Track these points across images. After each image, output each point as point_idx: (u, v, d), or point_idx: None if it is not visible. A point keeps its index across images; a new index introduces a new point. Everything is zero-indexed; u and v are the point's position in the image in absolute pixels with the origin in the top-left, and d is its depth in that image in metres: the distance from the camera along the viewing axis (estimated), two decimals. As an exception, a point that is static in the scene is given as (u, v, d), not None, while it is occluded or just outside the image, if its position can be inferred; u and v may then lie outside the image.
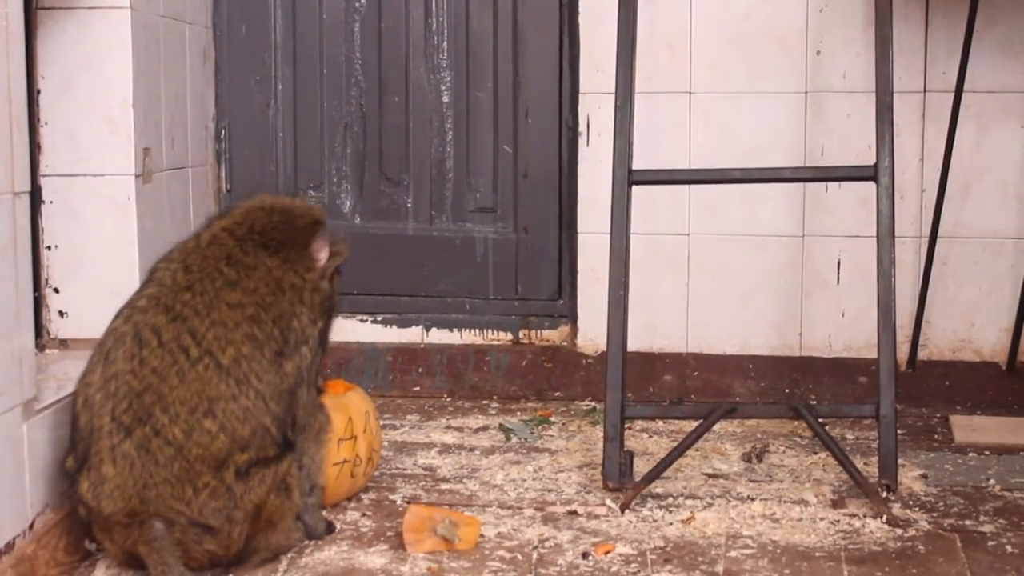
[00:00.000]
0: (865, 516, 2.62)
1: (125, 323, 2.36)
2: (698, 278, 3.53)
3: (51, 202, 2.97)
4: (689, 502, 2.73)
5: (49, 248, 2.98)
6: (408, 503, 2.72)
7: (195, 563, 2.33)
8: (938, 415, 3.39)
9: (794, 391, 3.51)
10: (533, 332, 3.67)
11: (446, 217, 3.71)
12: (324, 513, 2.61)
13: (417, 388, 3.66)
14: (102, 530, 2.33)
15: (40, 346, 2.95)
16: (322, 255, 2.50)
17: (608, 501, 2.73)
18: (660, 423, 3.33)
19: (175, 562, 2.26)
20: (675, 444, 2.82)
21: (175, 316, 2.33)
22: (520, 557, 2.45)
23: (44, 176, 2.97)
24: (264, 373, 2.34)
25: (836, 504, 2.70)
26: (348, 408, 2.70)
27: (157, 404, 2.27)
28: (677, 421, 3.30)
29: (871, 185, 3.02)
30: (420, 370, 3.66)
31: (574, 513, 2.68)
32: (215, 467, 2.28)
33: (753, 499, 2.73)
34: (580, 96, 3.55)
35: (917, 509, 2.68)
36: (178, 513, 2.27)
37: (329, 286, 2.53)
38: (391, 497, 2.79)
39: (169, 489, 2.26)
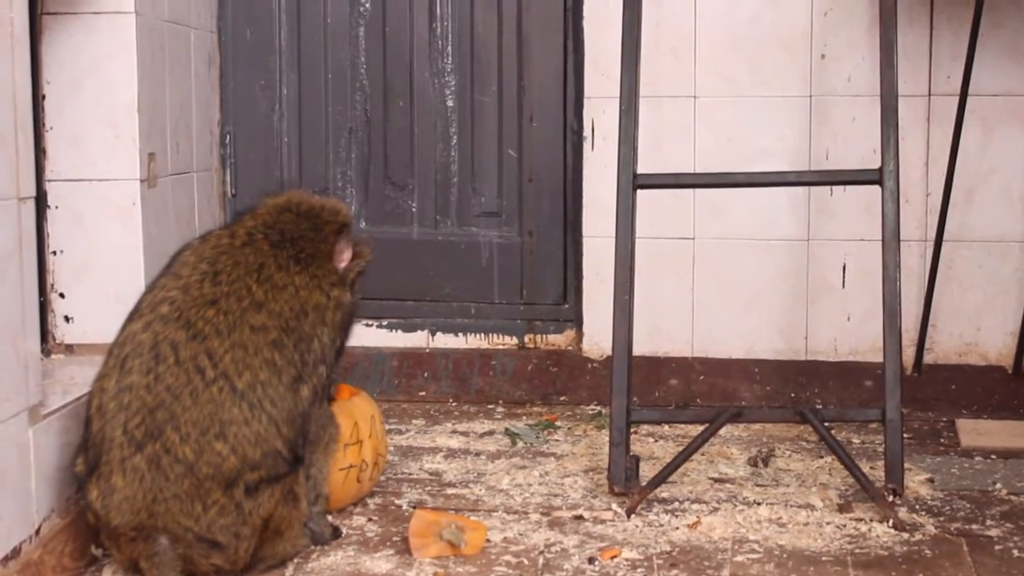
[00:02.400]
0: (871, 520, 2.62)
1: (145, 330, 2.32)
2: (703, 282, 3.53)
3: (56, 207, 2.97)
4: (695, 507, 2.72)
5: (55, 253, 2.98)
6: (414, 508, 2.72)
7: (201, 575, 2.33)
8: (944, 419, 3.39)
9: (800, 395, 3.51)
10: (538, 336, 3.67)
11: (451, 221, 3.71)
12: (330, 518, 2.61)
13: (423, 393, 3.66)
14: (109, 538, 2.32)
15: (46, 351, 2.95)
16: (344, 257, 2.49)
17: (614, 506, 2.73)
18: (666, 427, 3.33)
19: None
20: (681, 448, 2.82)
21: (195, 334, 2.30)
22: (526, 562, 2.44)
23: (49, 181, 2.97)
24: (280, 399, 2.32)
25: (842, 508, 2.70)
26: (353, 413, 2.70)
27: (169, 423, 2.25)
28: (683, 425, 3.30)
29: (876, 189, 3.02)
30: (426, 375, 3.66)
31: (580, 518, 2.68)
32: (225, 485, 2.26)
33: (759, 503, 2.72)
34: (585, 100, 3.54)
35: (923, 513, 2.68)
36: (186, 529, 2.26)
37: (351, 298, 2.50)
38: (397, 502, 2.79)
39: (178, 505, 2.25)
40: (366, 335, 3.66)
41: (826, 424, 2.76)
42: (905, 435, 3.05)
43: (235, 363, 2.28)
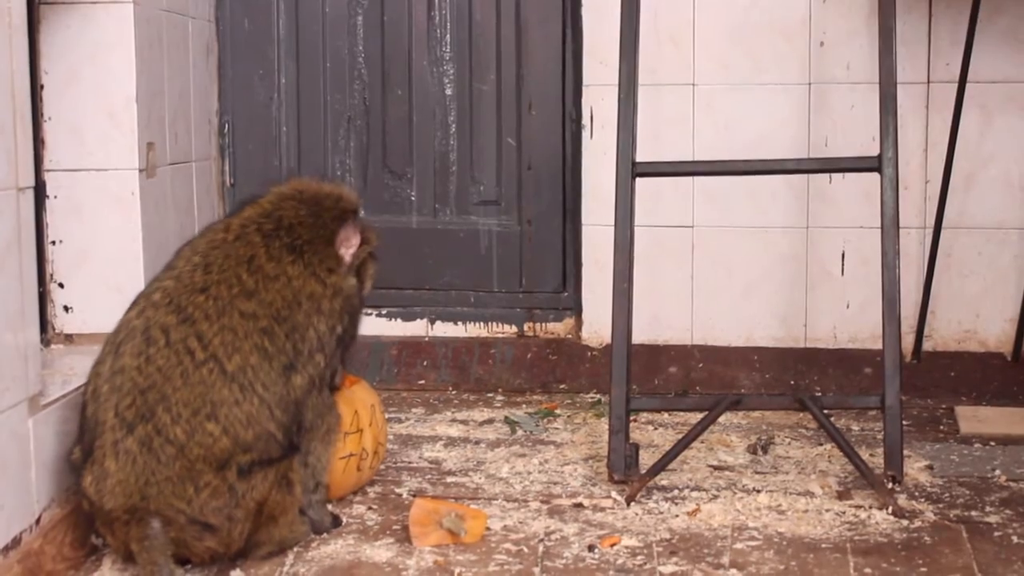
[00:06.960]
0: (871, 507, 2.62)
1: (138, 316, 2.35)
2: (702, 270, 3.53)
3: (55, 197, 2.97)
4: (695, 494, 2.73)
5: (54, 243, 2.98)
6: (414, 496, 2.72)
7: (197, 558, 2.33)
8: (943, 406, 3.39)
9: (799, 382, 3.51)
10: (538, 325, 3.67)
11: (450, 210, 3.71)
12: (330, 507, 2.61)
13: (422, 381, 3.66)
14: (104, 524, 2.33)
15: (45, 341, 2.95)
16: (351, 244, 2.49)
17: (614, 494, 2.73)
18: (665, 415, 3.33)
19: (165, 562, 2.25)
20: (680, 436, 2.83)
21: (185, 318, 2.32)
22: (526, 550, 2.45)
23: (48, 171, 2.97)
24: (271, 384, 2.33)
25: (842, 495, 2.70)
26: (354, 402, 2.70)
27: (160, 403, 2.27)
28: (682, 413, 3.30)
29: (875, 176, 3.02)
30: (425, 363, 3.66)
31: (580, 506, 2.68)
32: (217, 467, 2.27)
33: (759, 491, 2.73)
34: (583, 88, 3.54)
35: (923, 500, 2.68)
36: (178, 511, 2.26)
37: (356, 282, 2.51)
38: (397, 490, 2.79)
39: (170, 487, 2.26)
40: (366, 323, 3.60)
41: (825, 411, 2.76)
42: (904, 422, 3.05)
43: (224, 346, 2.30)
